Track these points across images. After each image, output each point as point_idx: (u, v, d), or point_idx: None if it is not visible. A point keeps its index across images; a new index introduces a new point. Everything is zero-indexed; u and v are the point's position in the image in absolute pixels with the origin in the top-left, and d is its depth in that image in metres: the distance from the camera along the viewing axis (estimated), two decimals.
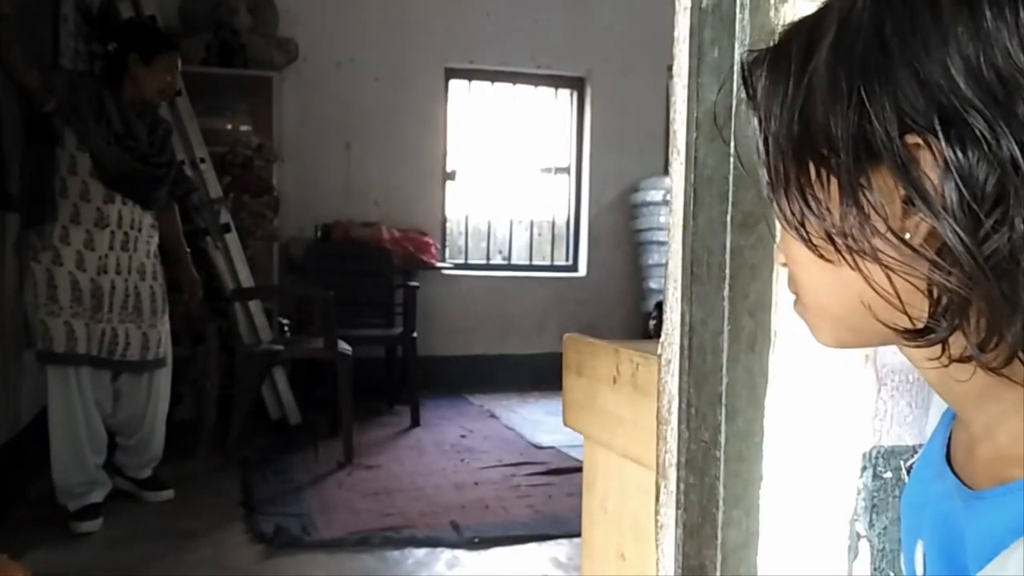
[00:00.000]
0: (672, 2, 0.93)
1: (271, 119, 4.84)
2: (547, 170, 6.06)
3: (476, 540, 2.90)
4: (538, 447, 4.14)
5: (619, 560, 1.30)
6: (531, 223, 6.07)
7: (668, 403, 0.95)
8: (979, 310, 0.47)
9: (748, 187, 0.80)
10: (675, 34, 0.92)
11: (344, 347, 3.95)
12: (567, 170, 6.08)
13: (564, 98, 6.05)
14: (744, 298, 0.81)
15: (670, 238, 0.94)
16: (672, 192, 0.93)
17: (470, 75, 5.78)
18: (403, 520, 3.07)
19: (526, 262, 6.05)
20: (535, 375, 5.38)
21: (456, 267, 5.72)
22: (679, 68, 0.91)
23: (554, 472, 3.71)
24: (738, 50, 0.81)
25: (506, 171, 5.94)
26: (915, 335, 0.51)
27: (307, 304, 4.54)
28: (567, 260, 6.12)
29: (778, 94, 0.53)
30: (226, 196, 4.37)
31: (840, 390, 0.80)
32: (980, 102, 0.44)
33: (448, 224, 5.84)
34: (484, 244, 5.97)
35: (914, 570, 0.64)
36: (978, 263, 0.45)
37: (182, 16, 4.78)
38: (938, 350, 0.51)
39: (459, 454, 4.03)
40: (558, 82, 5.99)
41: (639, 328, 5.65)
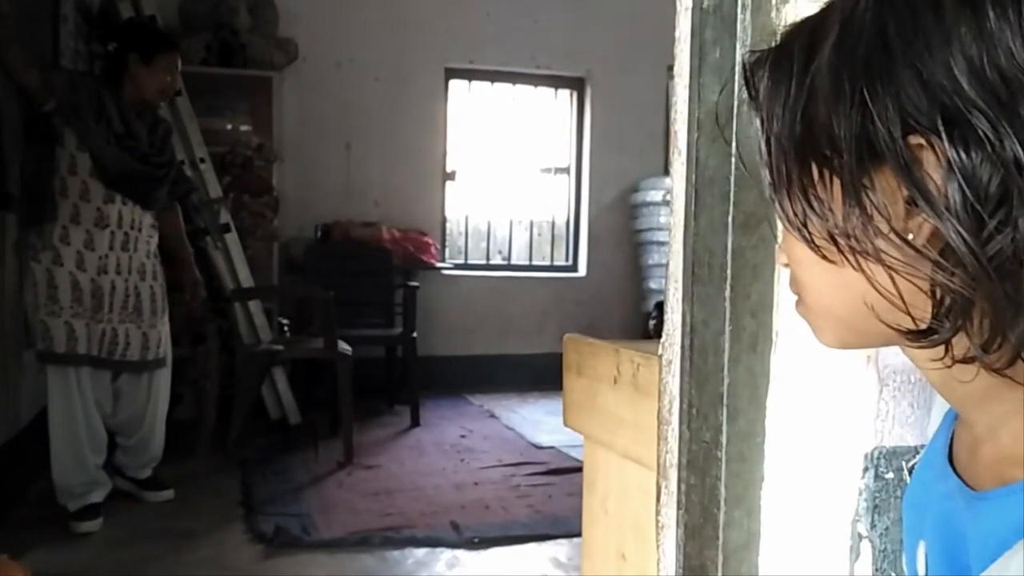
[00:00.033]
0: (673, 2, 0.93)
1: (271, 119, 4.84)
2: (547, 170, 6.06)
3: (476, 540, 2.90)
4: (538, 447, 4.14)
5: (619, 560, 1.30)
6: (531, 223, 6.07)
7: (669, 403, 0.95)
8: (982, 311, 0.47)
9: (750, 188, 0.80)
10: (676, 34, 0.92)
11: (344, 347, 3.95)
12: (567, 170, 6.08)
13: (564, 98, 6.05)
14: (746, 299, 0.81)
15: (671, 238, 0.94)
16: (673, 192, 0.93)
17: (470, 75, 5.77)
18: (403, 520, 3.07)
19: (526, 262, 6.05)
20: (535, 375, 5.38)
21: (456, 267, 5.72)
22: (680, 68, 0.91)
23: (554, 472, 3.71)
24: (739, 51, 0.81)
25: (506, 171, 5.94)
26: (918, 336, 0.51)
27: (307, 304, 4.54)
28: (567, 260, 6.12)
29: (780, 94, 0.53)
30: (226, 196, 4.37)
31: (842, 391, 0.80)
32: (983, 102, 0.44)
33: (448, 224, 5.84)
34: (484, 244, 5.97)
35: (916, 571, 0.64)
36: (981, 264, 0.45)
37: (182, 16, 4.78)
38: (941, 351, 0.50)
39: (459, 454, 4.03)
40: (558, 82, 5.99)
41: (639, 328, 5.65)
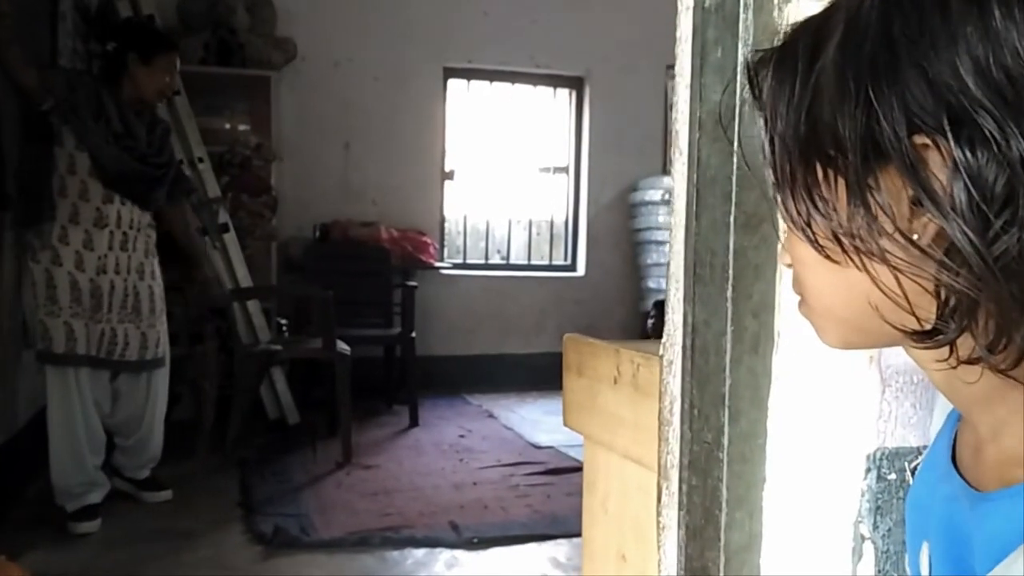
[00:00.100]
0: (673, 2, 0.93)
1: (269, 119, 4.84)
2: (546, 170, 6.06)
3: (475, 540, 2.90)
4: (537, 447, 4.14)
5: (619, 561, 1.30)
6: (530, 223, 6.07)
7: (670, 404, 0.94)
8: (988, 311, 0.47)
9: (751, 188, 0.80)
10: (677, 34, 0.92)
11: (343, 347, 3.94)
12: (566, 170, 6.08)
13: (563, 98, 6.05)
14: (747, 299, 0.81)
15: (672, 238, 0.94)
16: (675, 192, 0.93)
17: (469, 75, 5.77)
18: (402, 520, 3.07)
19: (524, 262, 6.05)
20: (534, 375, 5.38)
21: (455, 267, 5.72)
22: (681, 68, 0.91)
23: (553, 472, 3.71)
24: (742, 50, 0.80)
25: (505, 171, 5.93)
26: (923, 336, 0.51)
27: (305, 304, 4.53)
28: (566, 260, 6.12)
29: (784, 94, 0.53)
30: (224, 196, 4.36)
31: (844, 391, 0.80)
32: (989, 102, 0.44)
33: (447, 224, 5.83)
34: (483, 244, 5.97)
35: (919, 571, 0.64)
36: (987, 264, 0.45)
37: (180, 15, 4.77)
38: (946, 352, 0.50)
39: (458, 454, 4.03)
40: (557, 82, 5.98)
41: (638, 328, 5.65)
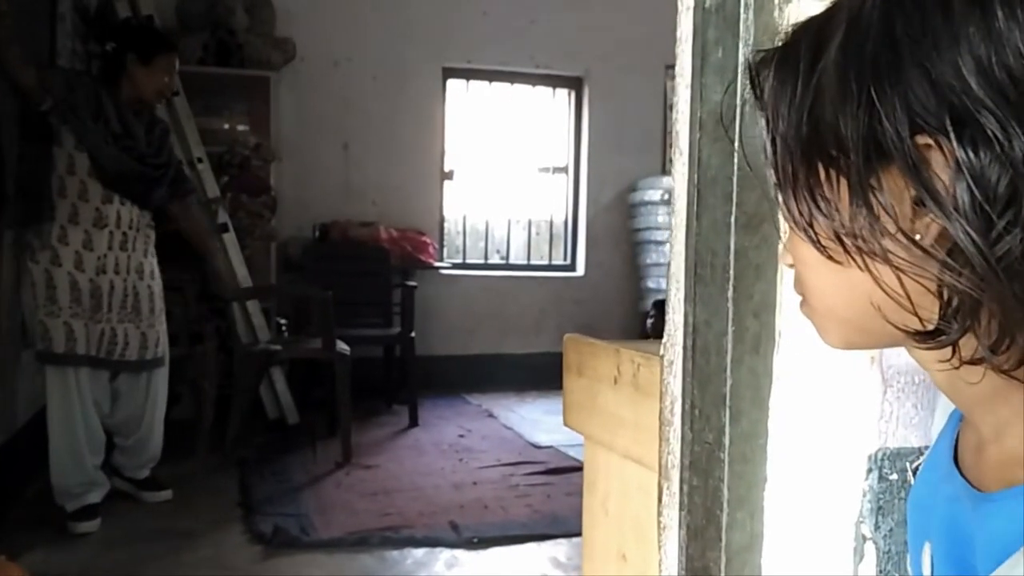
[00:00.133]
0: (673, 2, 0.92)
1: (268, 119, 4.83)
2: (545, 170, 6.06)
3: (475, 540, 2.90)
4: (536, 446, 4.14)
5: (620, 561, 1.30)
6: (529, 223, 6.07)
7: (671, 404, 0.94)
8: (990, 312, 0.47)
9: (752, 188, 0.80)
10: (678, 34, 0.92)
11: (342, 347, 3.94)
12: (565, 170, 6.08)
13: (562, 97, 6.05)
14: (748, 299, 0.81)
15: (672, 239, 0.94)
16: (675, 193, 0.92)
17: (468, 75, 5.77)
18: (402, 520, 3.07)
19: (524, 262, 6.05)
20: (533, 375, 5.38)
21: (454, 267, 5.72)
22: (682, 68, 0.91)
23: (553, 472, 3.71)
24: (742, 50, 0.80)
25: (504, 171, 5.93)
26: (926, 337, 0.50)
27: (305, 304, 4.53)
28: (565, 260, 6.12)
29: (786, 94, 0.53)
30: (224, 196, 4.36)
31: (845, 392, 0.79)
32: (992, 102, 0.44)
33: (446, 224, 5.83)
34: (482, 244, 5.97)
35: (921, 572, 0.64)
36: (990, 264, 0.45)
37: (179, 16, 4.77)
38: (949, 352, 0.50)
39: (457, 454, 4.03)
40: (556, 82, 5.98)
41: (637, 327, 5.64)
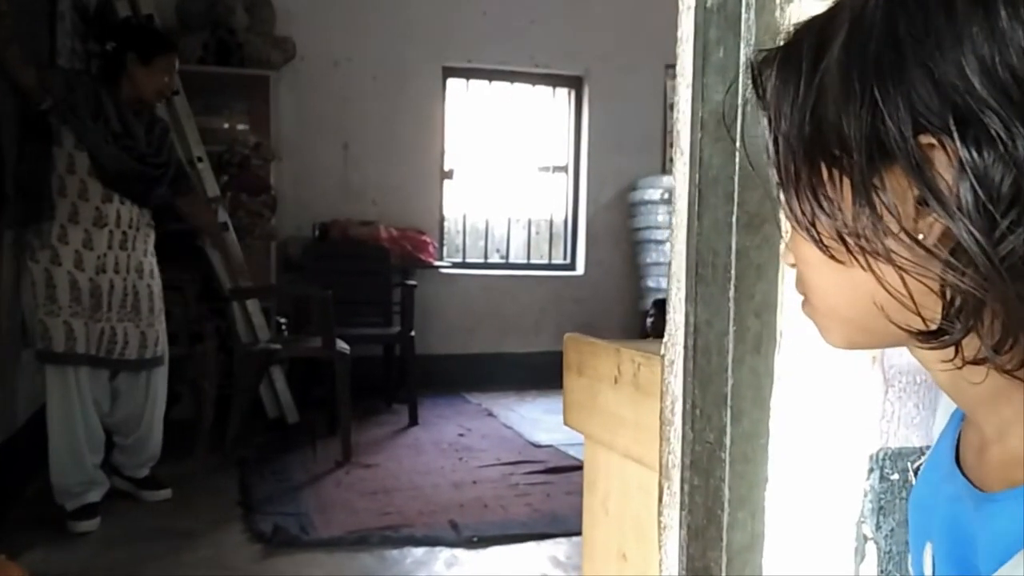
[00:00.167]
0: (672, 1, 0.92)
1: (268, 118, 4.83)
2: (545, 169, 6.05)
3: (475, 539, 2.90)
4: (536, 445, 4.14)
5: (620, 560, 1.30)
6: (529, 222, 6.06)
7: (672, 404, 0.94)
8: (993, 311, 0.47)
9: (753, 187, 0.80)
10: (679, 34, 0.91)
11: (342, 346, 3.94)
12: (565, 169, 6.08)
13: (562, 97, 6.04)
14: (750, 299, 0.81)
15: (674, 239, 0.93)
16: (676, 193, 0.92)
17: (468, 74, 5.77)
18: (401, 519, 3.07)
19: (524, 261, 6.05)
20: (533, 374, 5.38)
21: (454, 266, 5.72)
22: (683, 68, 0.91)
23: (552, 471, 3.71)
24: (743, 50, 0.80)
25: (504, 170, 5.93)
26: (929, 337, 0.50)
27: (305, 303, 4.53)
28: (565, 259, 6.12)
29: (789, 94, 0.52)
30: (223, 195, 4.36)
31: (847, 391, 0.79)
32: (995, 102, 0.44)
33: (446, 223, 5.83)
34: (482, 243, 5.96)
35: (922, 572, 0.63)
36: (993, 264, 0.45)
37: (179, 15, 4.77)
38: (951, 352, 0.50)
39: (457, 453, 4.02)
40: (556, 81, 5.98)
41: (637, 327, 5.64)
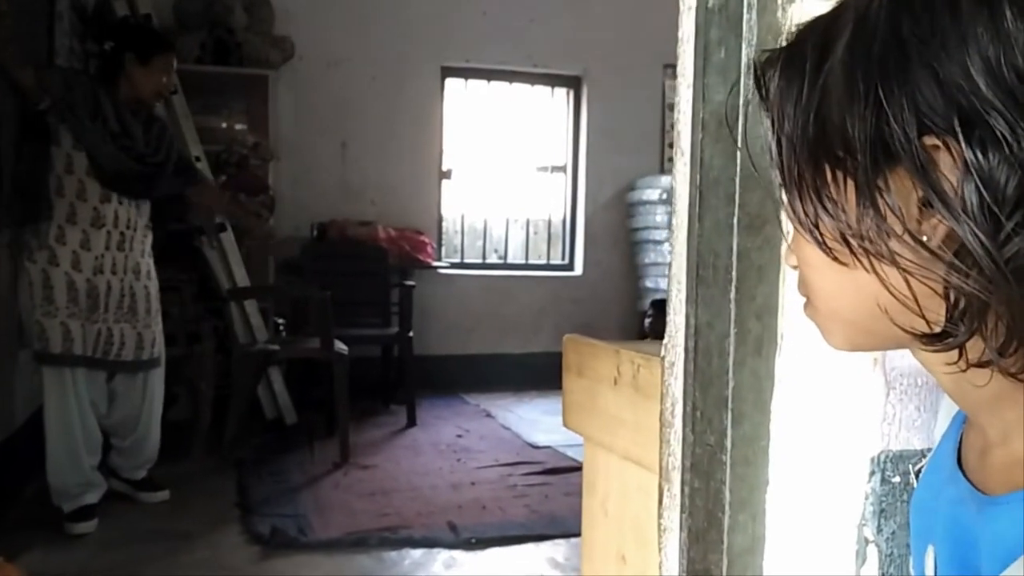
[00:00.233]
0: (672, 1, 0.92)
1: (267, 118, 4.83)
2: (543, 169, 6.05)
3: (473, 540, 2.90)
4: (534, 447, 4.14)
5: (619, 562, 1.30)
6: (527, 222, 6.06)
7: (672, 406, 0.94)
8: (998, 314, 0.47)
9: (754, 189, 0.79)
10: (680, 34, 0.91)
11: (340, 347, 3.93)
12: (563, 169, 6.07)
13: (560, 97, 6.04)
14: (751, 301, 0.80)
15: (674, 240, 0.93)
16: (677, 194, 0.92)
17: (466, 74, 5.76)
18: (400, 520, 3.06)
19: (522, 261, 6.04)
20: (531, 374, 5.37)
21: (452, 266, 5.71)
22: (684, 69, 0.90)
23: (551, 472, 3.71)
24: (745, 51, 0.80)
25: (502, 170, 5.92)
26: (932, 339, 0.50)
27: (303, 304, 4.52)
28: (563, 259, 6.12)
29: (792, 94, 0.52)
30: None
31: (848, 394, 0.79)
32: (1001, 103, 0.43)
33: (444, 223, 5.82)
34: (480, 243, 5.96)
35: (924, 574, 0.63)
36: (998, 266, 0.44)
37: (177, 14, 4.76)
38: (955, 355, 0.50)
39: (455, 454, 4.02)
40: (554, 81, 5.97)
41: (635, 327, 5.64)
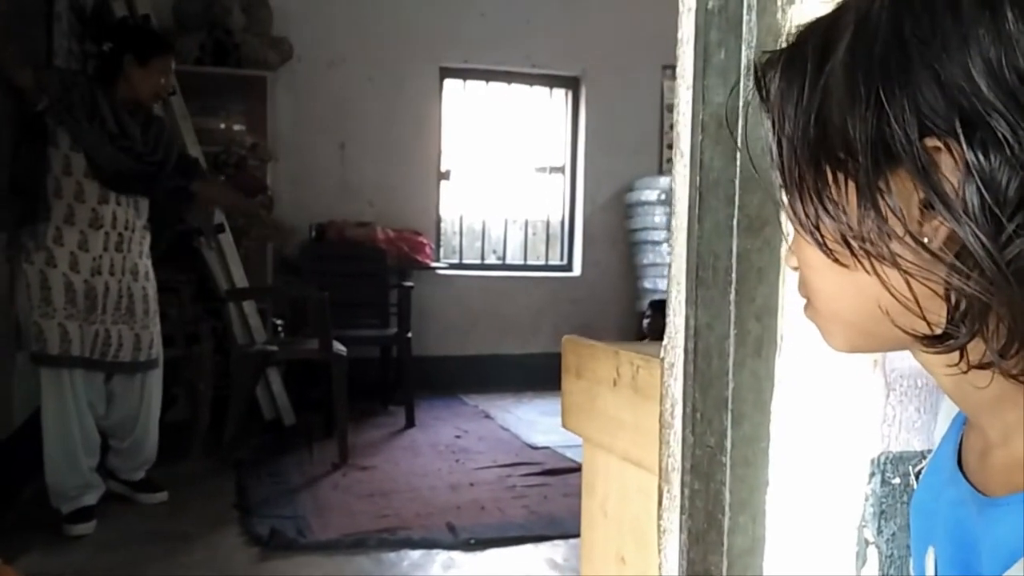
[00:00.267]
0: (670, 2, 0.92)
1: (265, 119, 4.83)
2: (542, 169, 6.05)
3: (472, 541, 2.90)
4: (533, 447, 4.14)
5: (619, 563, 1.30)
6: (526, 223, 6.06)
7: (671, 407, 0.94)
8: (999, 316, 0.47)
9: (754, 190, 0.79)
10: (679, 35, 0.91)
11: (339, 348, 3.93)
12: (562, 169, 6.07)
13: (559, 97, 6.04)
14: (750, 302, 0.80)
15: (673, 241, 0.93)
16: (676, 195, 0.92)
17: (465, 74, 5.76)
18: (399, 521, 3.06)
19: (521, 262, 6.04)
20: (530, 375, 5.37)
21: (451, 267, 5.71)
22: (683, 70, 0.90)
23: (549, 472, 3.71)
24: (745, 52, 0.80)
25: (501, 171, 5.93)
26: (933, 341, 0.50)
27: (301, 304, 4.52)
28: (562, 260, 6.12)
29: (793, 96, 0.52)
30: None
31: (848, 395, 0.79)
32: (1002, 105, 0.43)
33: (443, 224, 5.82)
34: (479, 244, 5.96)
35: None
36: (999, 268, 0.44)
37: (176, 15, 4.76)
38: (956, 356, 0.50)
39: (454, 455, 4.02)
40: (553, 81, 5.98)
41: (634, 328, 5.64)
